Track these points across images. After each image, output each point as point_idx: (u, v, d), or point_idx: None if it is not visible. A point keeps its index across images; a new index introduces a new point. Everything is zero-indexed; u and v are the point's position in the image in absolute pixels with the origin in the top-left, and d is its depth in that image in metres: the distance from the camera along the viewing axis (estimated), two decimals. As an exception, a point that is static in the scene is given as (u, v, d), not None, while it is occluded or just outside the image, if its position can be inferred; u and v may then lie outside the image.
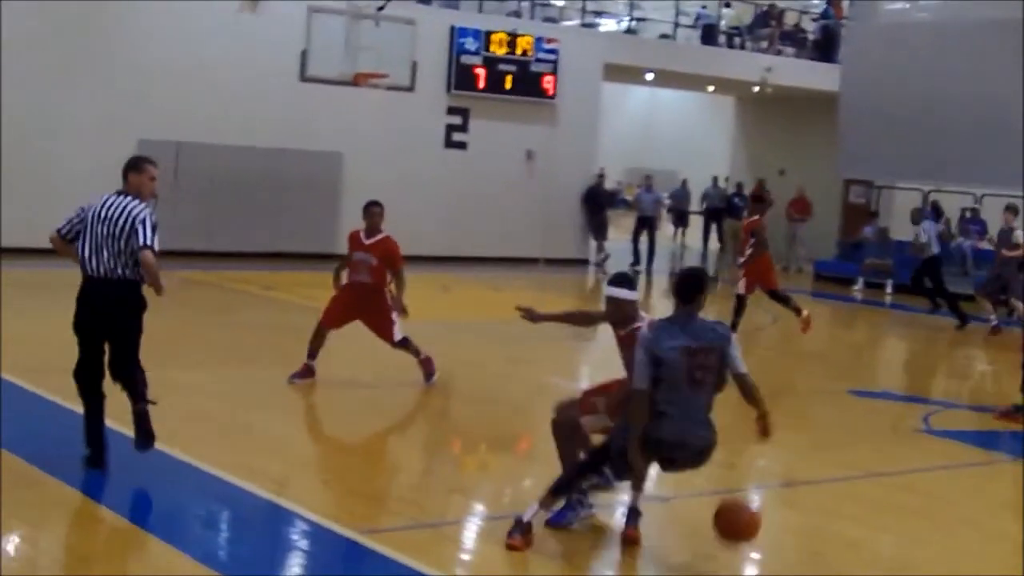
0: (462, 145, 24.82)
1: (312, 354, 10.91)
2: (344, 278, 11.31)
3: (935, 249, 19.35)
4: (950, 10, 24.79)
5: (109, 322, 8.03)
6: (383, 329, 10.99)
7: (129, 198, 8.02)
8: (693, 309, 6.87)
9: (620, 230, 31.28)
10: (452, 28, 24.19)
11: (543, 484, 7.60)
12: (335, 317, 10.98)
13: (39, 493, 7.51)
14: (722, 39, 30.52)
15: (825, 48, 30.60)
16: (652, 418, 6.78)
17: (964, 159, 22.71)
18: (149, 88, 21.11)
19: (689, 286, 6.91)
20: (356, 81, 18.77)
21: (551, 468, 7.65)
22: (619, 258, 25.89)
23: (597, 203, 26.55)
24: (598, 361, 13.43)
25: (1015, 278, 17.85)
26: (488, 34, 24.61)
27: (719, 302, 17.20)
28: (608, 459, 7.05)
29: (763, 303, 16.74)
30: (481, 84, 24.60)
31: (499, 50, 24.72)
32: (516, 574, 6.78)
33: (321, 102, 21.70)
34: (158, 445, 8.38)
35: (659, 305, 21.26)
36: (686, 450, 6.99)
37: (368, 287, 11.01)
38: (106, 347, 8.10)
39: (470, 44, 24.42)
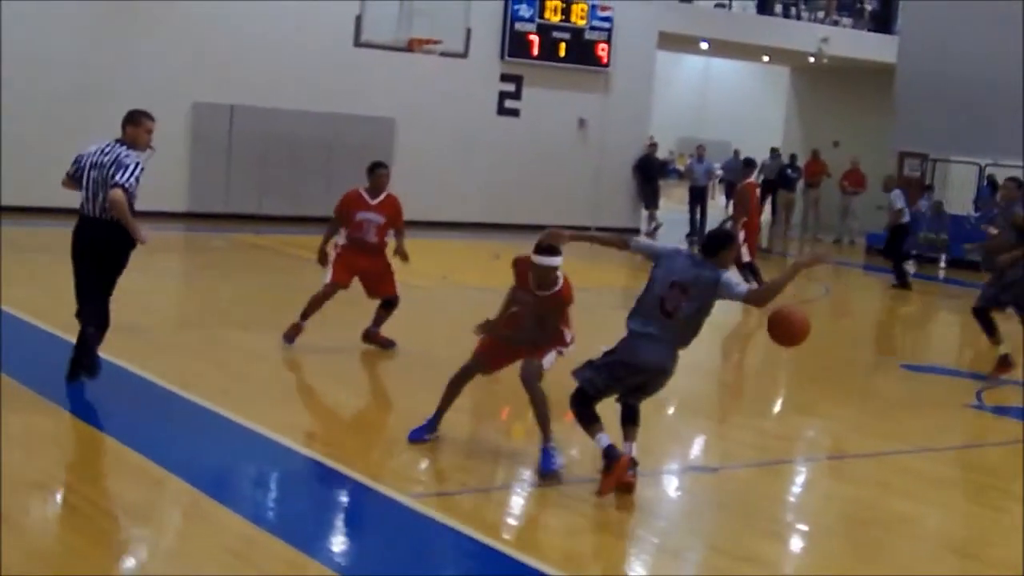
0: (515, 112, 24.78)
1: (307, 315, 10.80)
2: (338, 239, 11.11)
3: (907, 217, 19.88)
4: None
5: (97, 257, 8.67)
6: (386, 283, 11.01)
7: (124, 147, 8.65)
8: (715, 263, 7.39)
9: (671, 200, 31.21)
10: (507, -6, 24.12)
11: (591, 449, 7.63)
12: (345, 277, 10.91)
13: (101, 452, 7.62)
14: (778, 8, 30.20)
15: (883, 19, 30.26)
16: (622, 342, 7.42)
17: (1020, 133, 22.42)
18: (204, 51, 21.21)
19: (715, 242, 7.55)
20: (410, 47, 18.77)
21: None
22: (670, 228, 25.83)
23: (649, 172, 26.45)
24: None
25: None
26: (542, 1, 24.50)
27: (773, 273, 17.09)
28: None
29: (813, 275, 16.63)
30: (535, 51, 24.52)
31: (553, 17, 24.63)
32: (562, 539, 6.81)
33: (374, 68, 21.72)
34: (207, 403, 8.52)
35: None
36: (650, 371, 7.43)
37: (373, 246, 11.00)
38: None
39: (524, 11, 24.34)
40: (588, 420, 7.50)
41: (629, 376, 7.45)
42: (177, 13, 21.13)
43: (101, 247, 8.64)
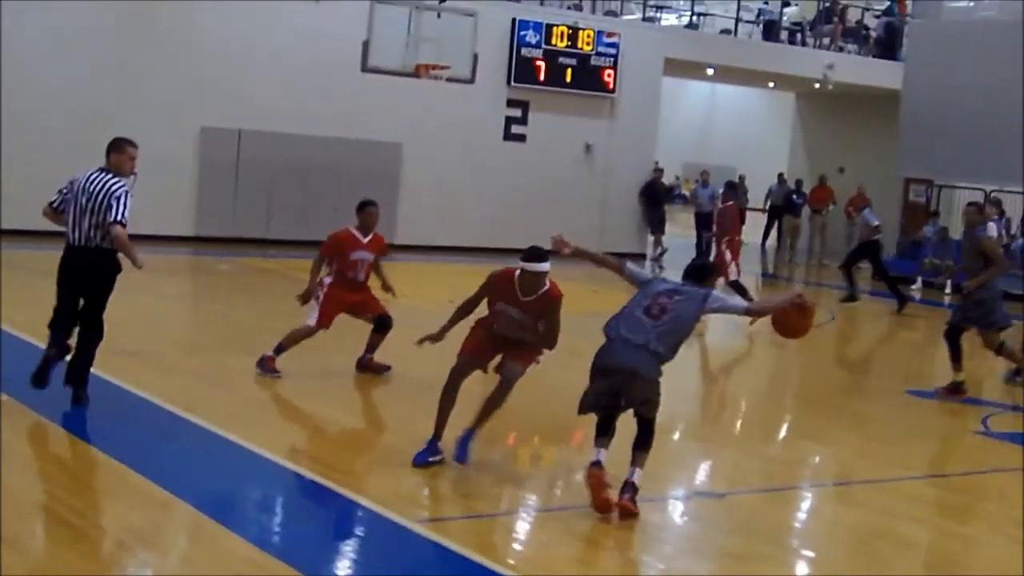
0: (521, 138, 24.85)
1: (283, 350, 10.64)
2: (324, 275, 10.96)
3: (881, 231, 20.66)
4: (1014, 9, 24.49)
5: (86, 284, 8.83)
6: (375, 304, 11.00)
7: (110, 175, 8.79)
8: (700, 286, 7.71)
9: (677, 225, 31.22)
10: (513, 20, 24.22)
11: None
12: (330, 320, 10.83)
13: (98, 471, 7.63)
14: (784, 35, 30.34)
15: (888, 45, 30.33)
16: (598, 350, 7.53)
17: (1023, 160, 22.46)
18: (212, 76, 21.31)
19: (700, 271, 7.89)
20: (417, 72, 18.84)
21: (608, 457, 7.67)
22: (676, 253, 25.82)
23: (655, 198, 26.50)
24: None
25: None
26: (549, 27, 24.62)
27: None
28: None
29: (823, 300, 16.63)
30: (541, 77, 24.62)
31: (559, 43, 24.73)
32: (568, 565, 6.80)
33: (382, 93, 21.81)
34: (213, 427, 8.54)
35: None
36: (621, 373, 7.39)
37: (361, 283, 11.00)
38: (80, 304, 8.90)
39: (531, 37, 24.44)
40: (597, 433, 7.59)
41: (602, 379, 7.49)
42: (185, 38, 21.25)
43: (89, 275, 8.78)
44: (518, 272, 8.16)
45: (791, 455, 10.26)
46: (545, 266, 8.09)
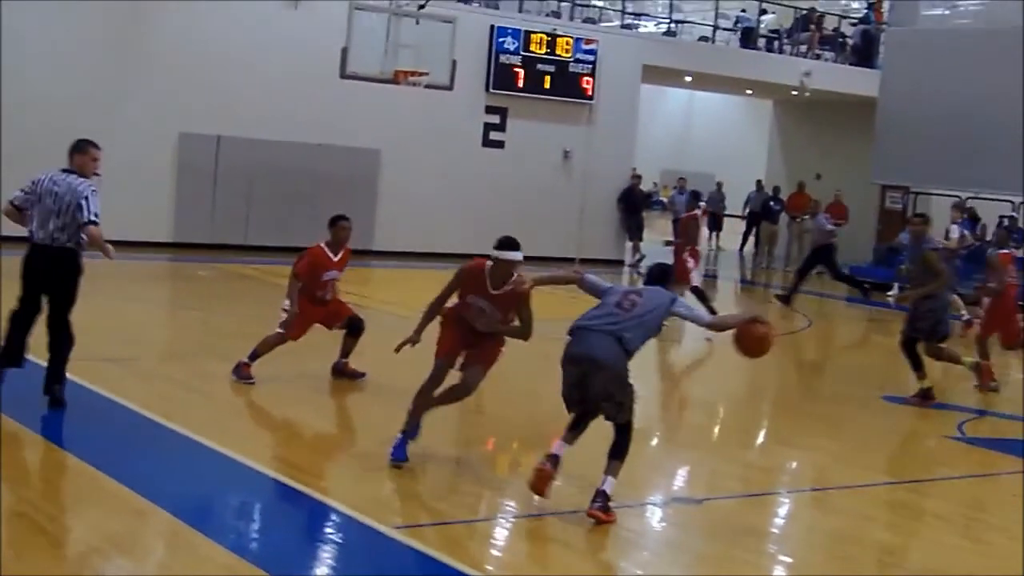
0: (500, 144, 24.87)
1: (257, 357, 10.62)
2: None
3: (835, 236, 21.28)
4: (989, 16, 24.67)
5: (49, 283, 8.91)
6: (344, 309, 11.03)
7: (74, 176, 8.89)
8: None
9: (655, 231, 31.28)
10: (492, 27, 24.24)
11: (575, 480, 7.66)
12: (300, 333, 10.82)
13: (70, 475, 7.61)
14: (761, 42, 30.45)
15: (864, 53, 30.47)
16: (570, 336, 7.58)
17: (1001, 166, 22.62)
18: (191, 82, 21.26)
19: (661, 274, 8.03)
20: (395, 79, 18.83)
21: (584, 464, 7.69)
22: (653, 259, 25.83)
23: (633, 204, 26.56)
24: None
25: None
26: (527, 34, 24.65)
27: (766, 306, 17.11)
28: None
29: (800, 307, 16.69)
30: (520, 84, 24.65)
31: (538, 50, 24.76)
32: (546, 572, 6.81)
33: (360, 99, 21.79)
34: (191, 433, 8.54)
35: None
36: (586, 362, 7.41)
37: (330, 300, 10.96)
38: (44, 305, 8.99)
39: (509, 44, 24.47)
40: (567, 427, 7.67)
41: (571, 369, 7.53)
42: (164, 44, 21.20)
43: (52, 275, 8.88)
44: (489, 264, 8.22)
45: (768, 460, 10.30)
46: (519, 255, 8.20)
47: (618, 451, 7.51)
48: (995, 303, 13.98)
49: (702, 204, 20.69)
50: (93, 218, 8.71)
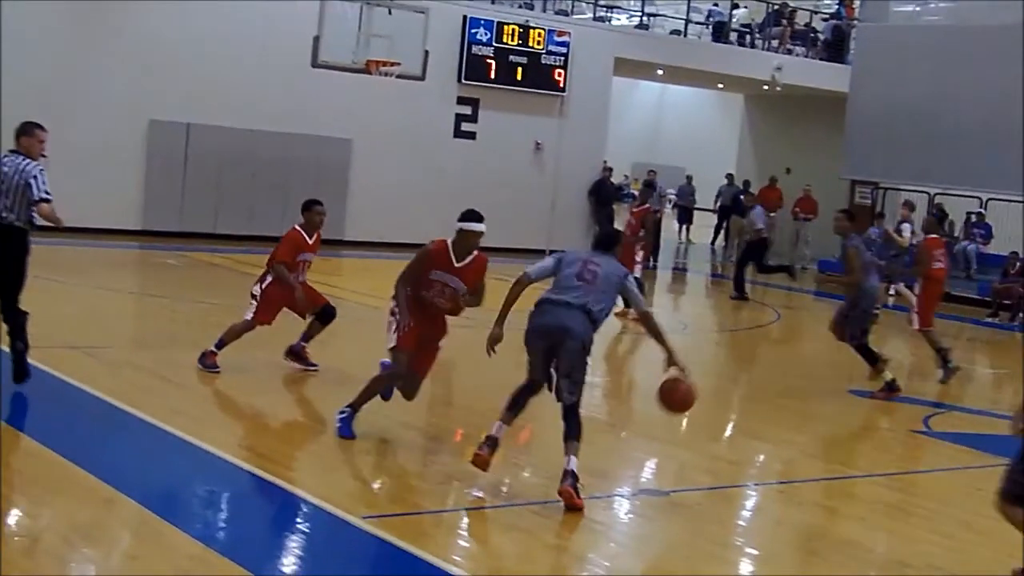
0: (471, 135, 24.86)
1: (224, 345, 10.64)
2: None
3: (766, 233, 21.29)
4: (959, 14, 24.82)
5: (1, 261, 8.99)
6: (316, 296, 11.05)
7: (21, 157, 8.98)
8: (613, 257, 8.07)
9: (625, 224, 31.30)
10: (464, 18, 24.21)
11: (543, 472, 7.67)
12: (270, 317, 10.83)
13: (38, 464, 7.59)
14: (733, 37, 30.53)
15: (835, 48, 30.61)
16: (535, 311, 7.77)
17: (968, 162, 22.79)
18: (161, 69, 21.15)
19: (610, 239, 8.29)
20: (367, 69, 18.81)
21: (551, 455, 7.71)
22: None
23: (604, 197, 26.61)
24: (602, 351, 13.49)
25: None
26: (500, 25, 24.63)
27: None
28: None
29: (769, 300, 16.75)
30: (492, 75, 24.64)
31: (511, 42, 24.75)
32: (514, 562, 6.82)
33: (332, 89, 21.73)
34: (159, 423, 8.52)
35: (660, 301, 21.33)
36: (556, 333, 7.61)
37: (302, 283, 10.97)
38: None
39: (482, 35, 24.45)
40: (507, 405, 7.86)
41: (537, 341, 7.71)
42: (134, 32, 21.09)
43: (1, 253, 8.95)
44: (452, 238, 8.57)
45: (736, 453, 10.35)
46: (482, 227, 8.62)
47: (572, 432, 7.66)
48: (924, 289, 14.16)
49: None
50: (44, 195, 8.83)
